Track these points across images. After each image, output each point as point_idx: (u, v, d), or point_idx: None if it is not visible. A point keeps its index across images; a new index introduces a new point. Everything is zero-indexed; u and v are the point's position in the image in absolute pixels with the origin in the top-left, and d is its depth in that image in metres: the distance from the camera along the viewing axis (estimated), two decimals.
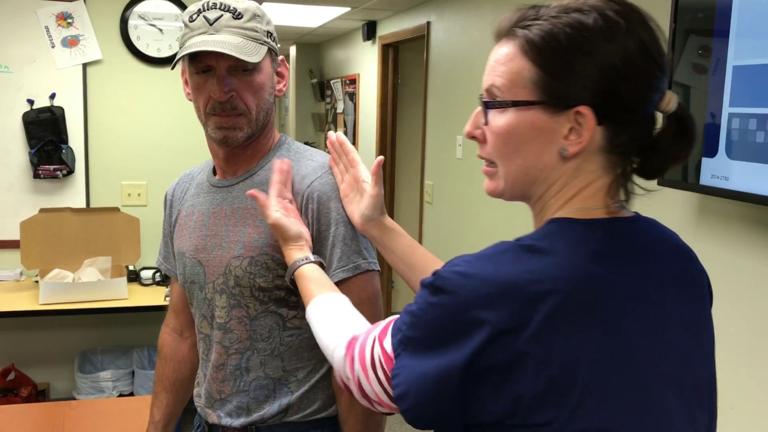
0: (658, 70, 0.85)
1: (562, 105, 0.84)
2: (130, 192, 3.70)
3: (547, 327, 0.77)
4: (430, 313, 0.83)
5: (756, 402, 1.79)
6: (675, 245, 0.94)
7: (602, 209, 0.87)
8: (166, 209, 1.57)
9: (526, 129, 0.86)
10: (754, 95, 1.67)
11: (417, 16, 4.39)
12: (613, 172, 0.88)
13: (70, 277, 3.38)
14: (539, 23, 0.85)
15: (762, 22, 1.65)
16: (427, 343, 0.83)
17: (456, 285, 0.81)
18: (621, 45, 0.83)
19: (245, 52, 1.28)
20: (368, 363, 0.92)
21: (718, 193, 1.79)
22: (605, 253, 0.83)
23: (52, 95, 3.50)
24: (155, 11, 3.61)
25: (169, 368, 1.61)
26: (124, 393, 3.51)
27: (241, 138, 1.35)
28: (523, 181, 0.90)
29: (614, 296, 0.81)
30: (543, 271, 0.79)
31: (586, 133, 0.84)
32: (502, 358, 0.78)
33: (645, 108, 0.85)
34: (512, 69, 0.87)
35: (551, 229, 0.85)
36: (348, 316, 1.13)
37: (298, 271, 1.25)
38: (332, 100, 6.53)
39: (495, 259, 0.82)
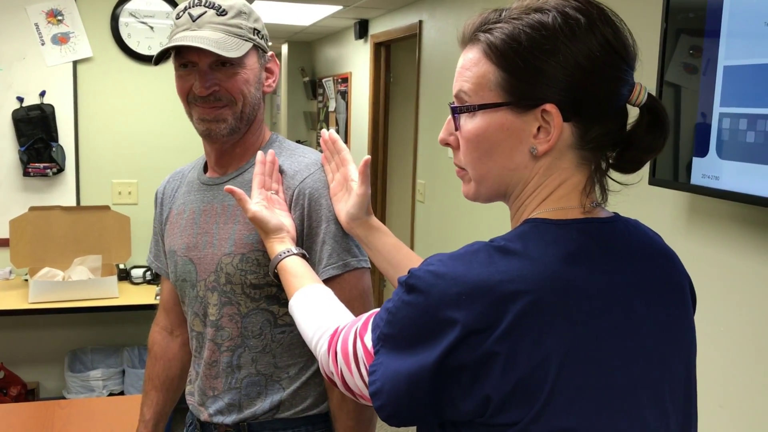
0: (624, 64, 0.85)
1: (528, 105, 0.85)
2: (120, 190, 3.69)
3: (517, 328, 0.77)
4: (404, 312, 0.84)
5: (745, 400, 1.80)
6: (654, 247, 0.93)
7: (578, 209, 0.88)
8: (157, 207, 1.57)
9: (496, 131, 0.87)
10: (744, 95, 1.67)
11: (409, 15, 4.39)
12: (587, 169, 0.88)
13: (60, 275, 3.36)
14: (500, 26, 0.86)
15: (753, 22, 1.65)
16: (402, 341, 0.84)
17: (428, 284, 0.82)
18: (582, 42, 0.83)
19: (225, 47, 1.28)
20: (351, 357, 0.93)
21: (708, 193, 1.80)
22: (578, 254, 0.83)
23: (42, 93, 3.48)
24: (146, 9, 3.59)
25: (160, 367, 1.60)
26: (114, 392, 3.49)
27: (225, 130, 1.35)
28: (497, 182, 0.91)
29: (585, 298, 0.81)
30: (513, 272, 0.79)
31: (554, 130, 0.84)
32: (472, 357, 0.78)
33: (613, 102, 0.86)
34: (477, 73, 0.88)
35: (524, 229, 0.86)
36: (330, 308, 1.13)
37: (280, 264, 1.25)
38: (324, 98, 6.53)
39: (467, 259, 0.82)
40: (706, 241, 1.92)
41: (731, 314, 1.83)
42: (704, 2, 1.79)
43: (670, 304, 0.91)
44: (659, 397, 0.86)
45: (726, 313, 1.84)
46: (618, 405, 0.82)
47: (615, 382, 0.82)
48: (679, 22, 1.88)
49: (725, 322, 1.84)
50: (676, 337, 0.91)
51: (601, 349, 0.81)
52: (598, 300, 0.82)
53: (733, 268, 1.83)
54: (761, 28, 1.62)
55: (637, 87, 0.87)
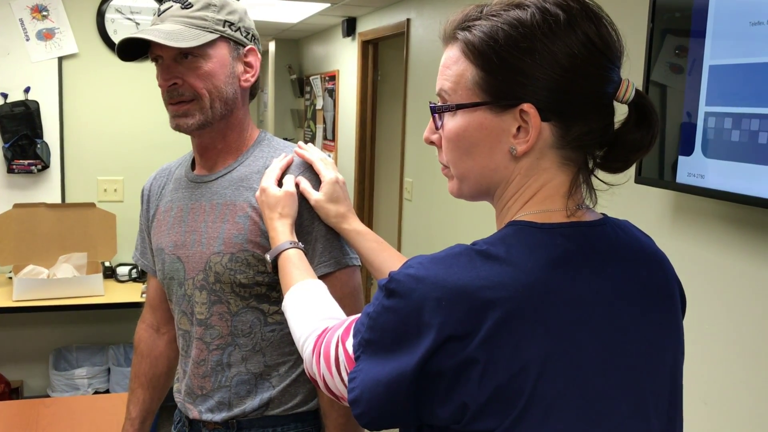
0: (606, 62, 0.83)
1: (506, 104, 0.83)
2: (106, 187, 3.66)
3: (496, 335, 0.76)
4: (384, 317, 0.83)
5: (728, 397, 1.81)
6: (643, 251, 0.91)
7: (562, 212, 0.86)
8: (143, 204, 1.56)
9: (475, 130, 0.86)
10: (729, 95, 1.69)
11: (397, 13, 4.39)
12: (571, 168, 0.86)
13: (45, 273, 3.34)
14: (479, 23, 0.85)
15: (738, 22, 1.67)
16: (382, 346, 0.83)
17: (408, 288, 0.80)
18: (561, 39, 0.81)
19: (175, 38, 1.28)
20: (332, 361, 0.93)
21: (694, 191, 1.81)
22: (561, 260, 0.81)
23: (26, 89, 3.45)
24: (132, 5, 3.57)
25: (146, 364, 1.60)
26: (99, 390, 3.48)
27: (193, 125, 1.34)
28: (478, 181, 0.90)
29: (567, 306, 0.80)
30: (494, 277, 0.78)
31: (532, 131, 0.83)
32: (450, 364, 0.77)
33: (595, 101, 0.83)
34: (457, 72, 0.87)
35: (507, 233, 0.84)
36: (324, 306, 1.12)
37: (284, 253, 1.24)
38: (312, 96, 6.51)
39: (448, 263, 0.80)
40: (692, 239, 1.93)
41: (716, 312, 1.85)
42: (690, 2, 1.80)
43: (657, 309, 0.89)
44: (641, 405, 0.85)
45: (711, 311, 1.86)
46: (596, 414, 0.81)
47: (594, 391, 0.80)
48: (665, 22, 1.89)
49: (710, 319, 1.86)
50: (662, 342, 0.89)
51: (581, 357, 0.80)
52: (580, 307, 0.81)
53: (718, 267, 1.85)
54: (746, 28, 1.64)
55: (624, 84, 0.85)
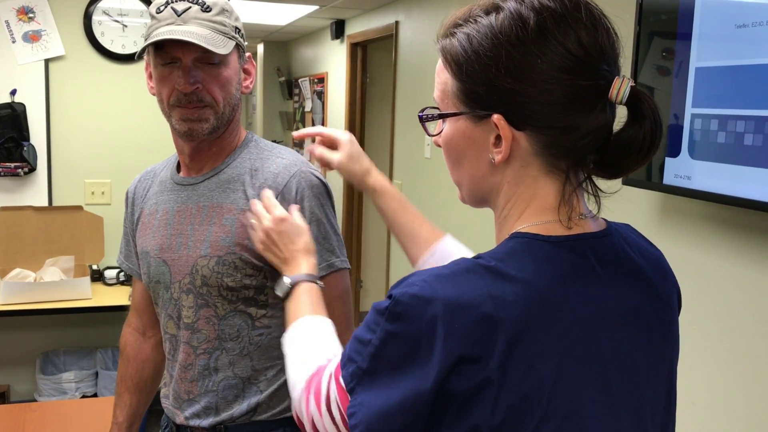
0: (583, 66, 0.78)
1: (480, 115, 0.82)
2: (93, 190, 3.64)
3: (510, 355, 0.74)
4: (390, 344, 0.78)
5: (716, 398, 1.82)
6: (646, 260, 0.90)
7: (564, 222, 0.83)
8: (128, 207, 1.54)
9: (460, 139, 0.85)
10: (715, 96, 1.70)
11: (385, 16, 4.39)
12: (559, 176, 0.83)
13: (32, 276, 3.31)
14: (459, 29, 0.83)
15: (724, 24, 1.68)
16: (387, 373, 0.78)
17: (416, 310, 0.76)
18: (528, 47, 0.78)
19: (213, 43, 1.27)
20: (323, 399, 0.87)
21: (681, 193, 1.82)
22: (570, 277, 0.80)
23: (12, 91, 3.42)
24: (120, 7, 3.55)
25: (132, 368, 1.58)
26: (87, 394, 3.45)
27: (207, 130, 1.33)
28: (472, 189, 0.89)
29: (576, 324, 0.78)
30: (506, 296, 0.75)
31: (504, 141, 0.80)
32: (464, 386, 0.75)
33: (575, 107, 0.79)
34: (442, 81, 0.86)
35: (514, 247, 0.81)
36: (322, 347, 1.04)
37: (305, 284, 1.18)
38: (300, 98, 6.51)
39: (456, 280, 0.77)
40: (679, 240, 1.94)
41: (703, 313, 1.86)
42: (676, 5, 1.81)
43: (659, 319, 0.88)
44: (641, 417, 0.85)
45: (698, 311, 1.87)
46: (602, 428, 0.80)
47: (599, 408, 0.80)
48: (651, 25, 1.90)
49: (697, 320, 1.87)
50: (662, 352, 0.89)
51: (588, 375, 0.79)
52: (588, 324, 0.79)
53: (705, 267, 1.86)
54: (732, 30, 1.65)
55: (616, 84, 0.79)
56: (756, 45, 1.59)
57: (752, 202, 1.60)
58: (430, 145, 3.70)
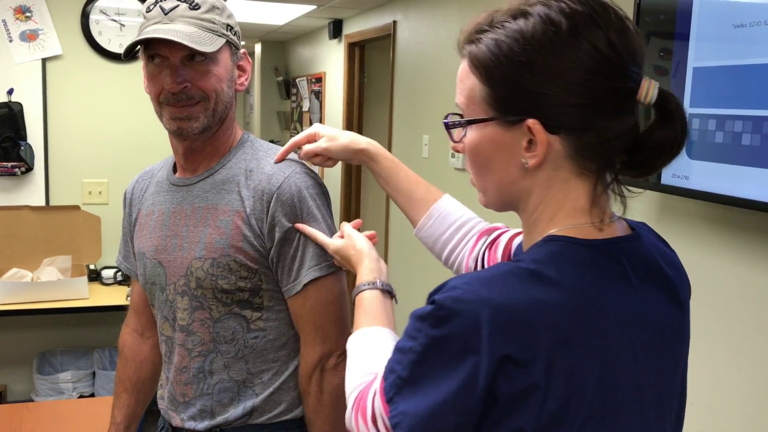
0: (615, 69, 0.80)
1: (513, 120, 0.82)
2: (90, 190, 3.64)
3: (555, 359, 0.75)
4: (434, 348, 0.78)
5: (716, 398, 1.82)
6: (666, 261, 0.92)
7: (596, 225, 0.84)
8: (126, 208, 1.54)
9: (488, 145, 0.85)
10: (713, 96, 1.70)
11: (383, 15, 4.39)
12: (590, 177, 0.84)
13: (29, 276, 3.31)
14: (486, 36, 0.83)
15: (721, 24, 1.68)
16: (431, 377, 0.78)
17: (461, 313, 0.76)
18: (562, 51, 0.79)
19: (198, 41, 1.26)
20: (369, 418, 0.86)
21: (678, 192, 1.82)
22: (607, 279, 0.81)
23: (9, 91, 3.42)
24: (117, 6, 3.55)
25: (130, 369, 1.58)
26: (84, 394, 3.45)
27: (197, 129, 1.32)
28: (499, 194, 0.89)
29: (615, 325, 0.80)
30: (550, 300, 0.76)
31: (540, 146, 0.81)
32: (509, 389, 0.76)
33: (607, 109, 0.81)
34: (467, 86, 0.86)
35: (554, 251, 0.82)
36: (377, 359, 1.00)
37: (359, 294, 1.15)
38: (298, 98, 6.50)
39: (499, 284, 0.77)
40: (676, 240, 1.94)
41: (701, 312, 1.86)
42: (674, 5, 1.81)
43: (678, 320, 0.91)
44: (662, 415, 0.87)
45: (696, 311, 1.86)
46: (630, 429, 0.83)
47: (632, 409, 0.82)
48: (649, 25, 1.90)
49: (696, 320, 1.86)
50: (679, 352, 0.91)
51: (624, 376, 0.81)
52: (624, 328, 0.81)
53: (703, 267, 1.86)
54: (729, 30, 1.65)
55: (644, 86, 0.81)
56: (754, 45, 1.59)
57: (750, 201, 1.60)
58: (428, 145, 3.70)
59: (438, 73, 3.59)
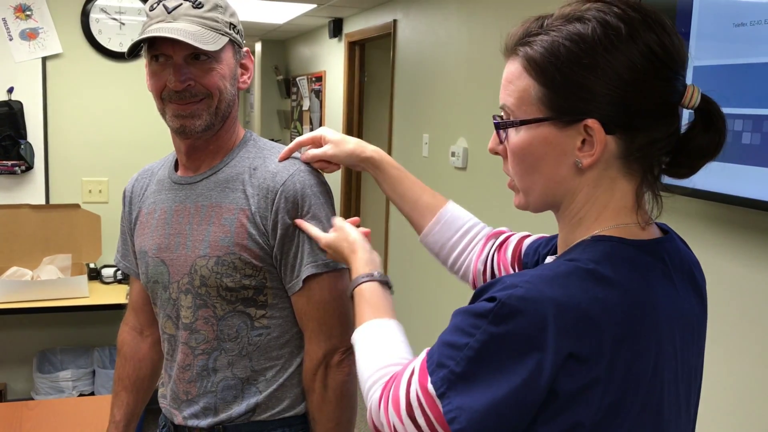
0: (668, 71, 0.84)
1: (570, 120, 0.84)
2: (91, 188, 3.64)
3: (615, 356, 0.78)
4: (495, 345, 0.79)
5: (716, 398, 1.82)
6: (692, 260, 0.97)
7: (638, 225, 0.88)
8: (125, 206, 1.53)
9: (540, 145, 0.87)
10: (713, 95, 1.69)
11: (383, 14, 4.39)
12: (637, 177, 0.88)
13: (29, 275, 3.31)
14: (540, 38, 0.85)
15: (721, 23, 1.68)
16: (490, 373, 0.79)
17: (526, 311, 0.78)
18: (623, 53, 0.82)
19: (202, 40, 1.26)
20: (403, 408, 0.86)
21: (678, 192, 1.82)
22: (656, 279, 0.85)
23: (9, 89, 3.42)
24: (117, 5, 3.55)
25: (130, 367, 1.58)
26: (84, 393, 3.45)
27: (200, 127, 1.32)
28: (544, 194, 0.90)
29: (662, 321, 0.83)
30: (610, 299, 0.79)
31: (598, 145, 0.83)
32: (571, 385, 0.78)
33: (659, 111, 0.84)
34: (519, 87, 0.87)
35: (607, 251, 0.84)
36: (393, 350, 1.02)
37: (357, 288, 1.16)
38: (298, 97, 6.50)
39: (560, 283, 0.80)
40: None
41: None
42: (674, 4, 1.81)
43: (703, 318, 0.96)
44: (688, 407, 0.92)
45: None
46: (670, 423, 0.87)
47: (672, 402, 0.86)
48: None
49: None
50: (701, 349, 0.96)
51: (668, 371, 0.85)
52: (670, 325, 0.85)
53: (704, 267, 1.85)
54: (730, 29, 1.65)
55: (689, 90, 0.85)
56: (754, 44, 1.59)
57: (750, 200, 1.60)
58: (428, 144, 3.70)
59: (438, 72, 3.59)
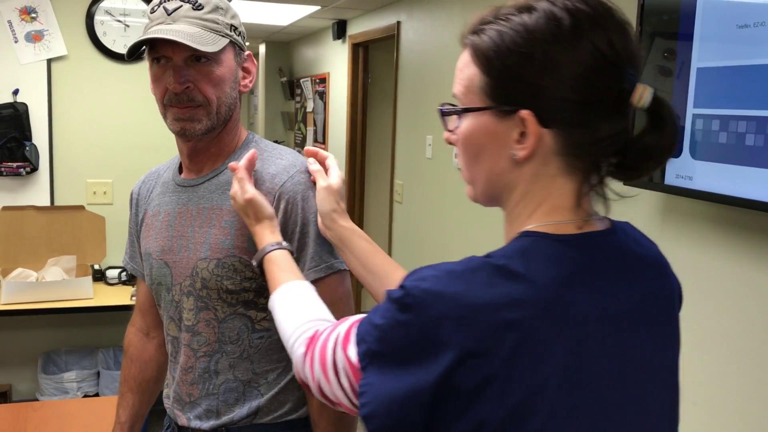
0: (614, 69, 0.81)
1: (507, 110, 0.83)
2: (95, 190, 3.65)
3: (517, 353, 0.76)
4: (397, 331, 0.80)
5: (718, 398, 1.82)
6: (648, 258, 0.92)
7: (574, 222, 0.85)
8: (132, 208, 1.54)
9: (481, 135, 0.86)
10: (717, 97, 1.70)
11: (387, 16, 4.39)
12: (578, 176, 0.85)
13: (34, 276, 3.32)
14: (489, 27, 0.85)
15: (725, 25, 1.68)
16: (394, 360, 0.81)
17: (426, 304, 0.78)
18: (565, 46, 0.80)
19: (200, 41, 1.26)
20: (329, 366, 0.90)
21: (682, 193, 1.82)
22: (578, 275, 0.81)
23: (15, 91, 3.43)
24: (122, 7, 3.56)
25: (135, 369, 1.58)
26: (89, 394, 3.45)
27: (200, 130, 1.32)
28: (487, 186, 0.89)
29: (584, 320, 0.80)
30: (515, 295, 0.77)
31: (531, 138, 0.82)
32: (469, 382, 0.76)
33: (601, 109, 0.82)
34: (466, 76, 0.87)
35: (524, 245, 0.83)
36: (312, 308, 1.09)
37: (268, 255, 1.22)
38: (302, 98, 6.51)
39: (466, 278, 0.79)
40: (680, 240, 1.94)
41: (705, 313, 1.86)
42: (678, 5, 1.81)
43: (661, 317, 0.90)
44: (648, 414, 0.86)
45: (700, 312, 1.87)
46: (609, 425, 0.82)
47: (606, 405, 0.81)
48: (653, 25, 1.90)
49: (699, 321, 1.87)
50: (665, 349, 0.91)
51: (595, 372, 0.80)
52: (595, 321, 0.81)
53: (706, 268, 1.86)
54: (733, 30, 1.65)
55: (639, 90, 0.82)
56: (757, 45, 1.59)
57: (753, 202, 1.60)
58: (432, 145, 3.70)
59: (442, 73, 3.59)
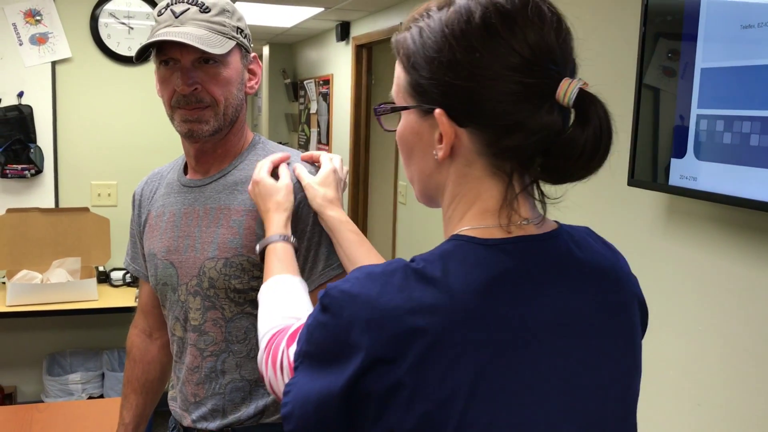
0: (531, 66, 0.76)
1: (426, 108, 0.81)
2: (100, 192, 3.66)
3: (424, 360, 0.72)
4: (317, 332, 0.80)
5: (723, 399, 1.82)
6: (598, 266, 0.85)
7: (506, 226, 0.80)
8: (135, 209, 1.55)
9: (409, 134, 0.85)
10: (721, 97, 1.69)
11: (391, 17, 4.40)
12: (503, 178, 0.80)
13: (39, 278, 3.33)
14: (414, 25, 0.83)
15: (729, 25, 1.67)
16: (316, 360, 0.80)
17: (340, 305, 0.77)
18: (470, 41, 0.76)
19: (209, 44, 1.27)
20: (278, 365, 0.92)
21: (686, 194, 1.82)
22: (502, 280, 0.76)
23: (20, 93, 3.44)
24: (126, 9, 3.57)
25: (139, 370, 1.59)
26: (93, 395, 3.46)
27: (207, 131, 1.33)
28: (421, 186, 0.88)
29: (504, 330, 0.75)
30: (426, 300, 0.74)
31: (444, 137, 0.80)
32: (378, 387, 0.74)
33: (516, 107, 0.76)
34: (396, 74, 0.87)
35: (447, 249, 0.79)
36: (292, 304, 1.07)
37: (271, 245, 1.21)
38: (306, 100, 6.52)
39: (382, 281, 0.76)
40: (684, 241, 1.94)
41: (709, 314, 1.85)
42: (682, 6, 1.81)
43: (607, 329, 0.84)
44: (586, 428, 0.80)
45: (703, 312, 1.86)
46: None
47: (530, 419, 0.76)
48: (657, 26, 1.90)
49: (702, 321, 1.87)
50: (612, 362, 0.84)
51: (516, 383, 0.75)
52: (519, 331, 0.76)
53: (711, 268, 1.85)
54: (737, 31, 1.65)
55: (563, 85, 0.76)
56: (762, 45, 1.58)
57: (758, 203, 1.60)
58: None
59: None
